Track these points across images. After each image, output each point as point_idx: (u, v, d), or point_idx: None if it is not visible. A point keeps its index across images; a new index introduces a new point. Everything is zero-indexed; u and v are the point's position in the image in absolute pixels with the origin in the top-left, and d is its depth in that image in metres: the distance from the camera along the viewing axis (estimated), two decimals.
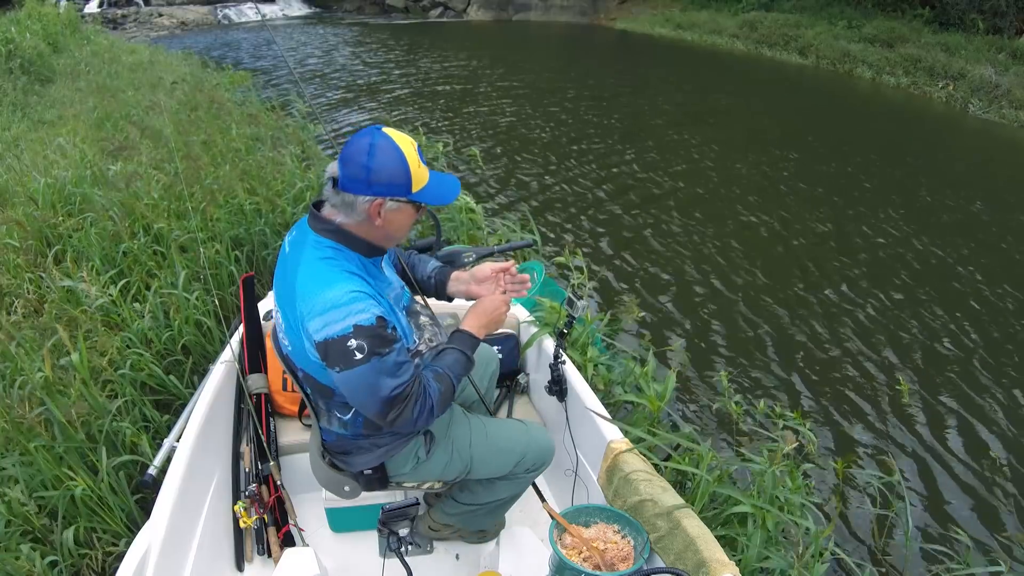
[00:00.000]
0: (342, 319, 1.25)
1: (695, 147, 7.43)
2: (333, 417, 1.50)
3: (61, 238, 3.35)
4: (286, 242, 1.44)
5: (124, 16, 16.68)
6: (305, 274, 1.31)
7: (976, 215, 6.01)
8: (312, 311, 1.27)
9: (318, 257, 1.32)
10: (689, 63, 12.98)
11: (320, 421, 1.54)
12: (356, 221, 1.34)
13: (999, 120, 9.50)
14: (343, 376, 1.29)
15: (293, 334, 1.36)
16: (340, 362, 1.27)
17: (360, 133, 1.33)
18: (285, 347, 1.43)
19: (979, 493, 2.95)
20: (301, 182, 4.41)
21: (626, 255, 4.90)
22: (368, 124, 8.14)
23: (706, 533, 1.48)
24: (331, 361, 1.28)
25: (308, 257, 1.33)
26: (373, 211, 1.32)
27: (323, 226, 1.35)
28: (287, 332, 1.38)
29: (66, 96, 6.72)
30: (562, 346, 2.01)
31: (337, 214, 1.35)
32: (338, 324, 1.25)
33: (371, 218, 1.33)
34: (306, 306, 1.29)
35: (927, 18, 12.92)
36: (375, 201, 1.31)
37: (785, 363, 3.75)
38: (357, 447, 1.55)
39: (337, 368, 1.28)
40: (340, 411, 1.48)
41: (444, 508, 1.84)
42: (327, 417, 1.51)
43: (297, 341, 1.36)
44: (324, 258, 1.32)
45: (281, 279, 1.40)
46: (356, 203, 1.31)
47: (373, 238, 1.38)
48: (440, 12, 18.83)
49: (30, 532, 1.99)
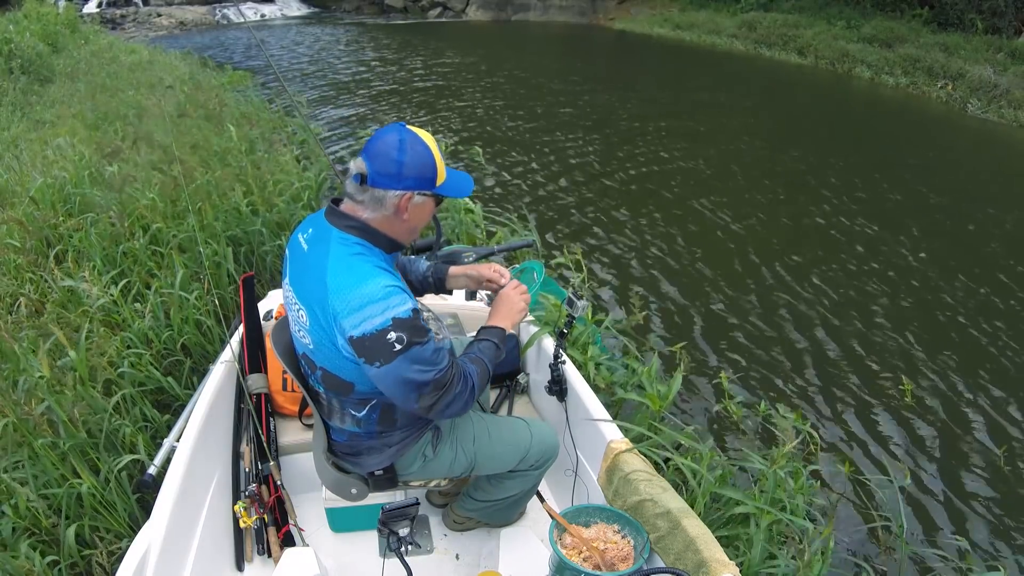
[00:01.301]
0: (380, 313, 1.26)
1: (695, 146, 7.43)
2: (347, 415, 1.50)
3: (62, 238, 3.36)
4: (301, 239, 1.43)
5: (123, 16, 16.68)
6: (336, 270, 1.30)
7: (979, 215, 6.02)
8: (348, 307, 1.27)
9: (349, 253, 1.33)
10: (687, 63, 12.99)
11: (331, 420, 1.54)
12: (383, 216, 1.35)
13: (998, 120, 9.51)
14: (383, 371, 1.29)
15: (319, 331, 1.35)
16: (380, 356, 1.28)
17: (385, 130, 1.35)
18: (304, 345, 1.42)
19: (982, 493, 2.94)
20: (299, 182, 4.42)
21: (627, 255, 4.90)
22: (367, 124, 8.15)
23: (706, 533, 1.49)
24: (370, 356, 1.28)
25: (337, 253, 1.32)
26: (403, 205, 1.34)
27: (347, 222, 1.35)
28: (311, 330, 1.37)
29: (65, 96, 6.72)
30: (562, 346, 2.01)
31: (363, 210, 1.35)
32: (377, 318, 1.26)
33: (399, 212, 1.34)
34: (340, 302, 1.28)
35: (926, 18, 12.93)
36: (405, 195, 1.33)
37: (786, 362, 3.75)
38: (368, 448, 1.56)
39: (377, 363, 1.28)
40: (355, 409, 1.47)
41: (464, 504, 1.90)
42: (340, 416, 1.51)
43: (323, 338, 1.35)
44: (355, 254, 1.33)
45: (304, 276, 1.38)
46: (386, 198, 1.33)
47: (395, 233, 1.39)
48: (439, 12, 18.83)
49: (31, 531, 1.99)
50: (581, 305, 1.89)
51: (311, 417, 2.10)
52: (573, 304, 1.90)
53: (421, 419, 1.56)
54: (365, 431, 1.52)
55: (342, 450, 1.59)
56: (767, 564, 1.85)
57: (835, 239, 5.32)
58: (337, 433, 1.56)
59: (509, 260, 3.87)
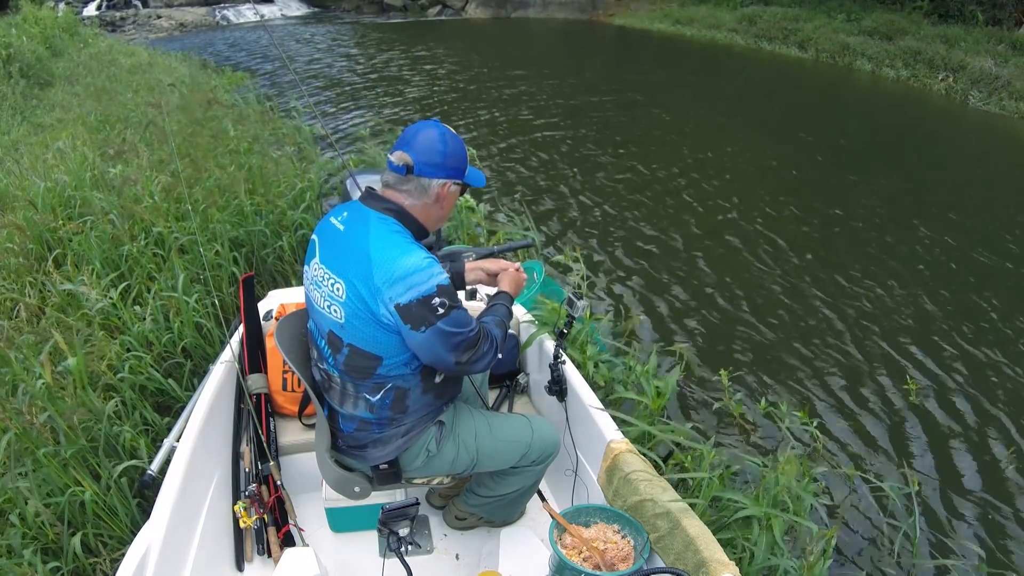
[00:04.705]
0: (426, 280, 1.39)
1: (696, 146, 7.41)
2: (360, 400, 1.54)
3: (61, 242, 3.36)
4: (335, 222, 1.52)
5: (123, 18, 16.67)
6: (380, 244, 1.41)
7: (984, 209, 5.99)
8: (393, 276, 1.38)
9: (389, 231, 1.44)
10: (688, 58, 12.95)
11: (343, 407, 1.57)
12: (423, 203, 1.49)
13: (999, 112, 9.46)
14: (427, 334, 1.40)
15: (356, 303, 1.42)
16: (425, 320, 1.39)
17: (423, 125, 1.50)
18: (333, 321, 1.48)
19: (986, 494, 2.92)
20: (301, 183, 4.42)
21: (627, 254, 4.89)
22: (365, 123, 8.14)
23: (706, 533, 1.48)
24: (416, 322, 1.39)
25: (378, 230, 1.44)
26: (443, 193, 1.49)
27: (385, 205, 1.48)
28: (346, 302, 1.44)
29: (65, 99, 6.73)
30: (562, 346, 2.01)
31: (405, 197, 1.48)
32: (424, 285, 1.38)
33: (439, 199, 1.50)
34: (385, 272, 1.38)
35: (926, 10, 12.85)
36: (445, 184, 1.49)
37: (788, 361, 3.74)
38: (374, 440, 1.59)
39: (423, 327, 1.40)
40: (370, 393, 1.53)
41: (467, 500, 1.93)
42: (353, 401, 1.55)
43: (360, 309, 1.42)
44: (395, 231, 1.45)
45: (342, 253, 1.46)
46: (430, 186, 1.48)
47: (428, 220, 1.52)
48: (438, 11, 18.79)
49: (35, 538, 1.99)
50: (581, 305, 1.89)
51: (311, 417, 2.11)
52: (573, 304, 1.90)
53: (430, 408, 1.61)
54: (376, 417, 1.56)
55: (348, 443, 1.62)
56: (767, 561, 1.85)
57: (836, 237, 5.31)
58: (346, 422, 1.59)
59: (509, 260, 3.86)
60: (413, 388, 1.55)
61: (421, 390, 1.57)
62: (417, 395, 1.56)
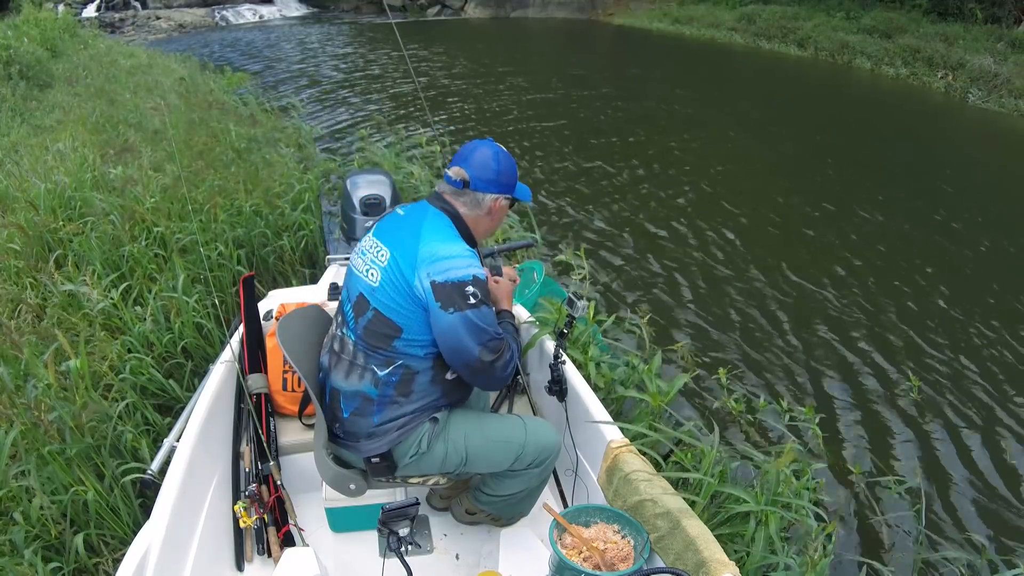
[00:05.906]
0: (465, 267, 1.49)
1: (695, 143, 7.41)
2: (367, 373, 1.57)
3: (62, 243, 3.36)
4: (399, 210, 1.66)
5: (122, 20, 16.67)
6: (432, 228, 1.55)
7: (983, 209, 5.99)
8: (436, 256, 1.49)
9: (442, 224, 1.58)
10: (686, 58, 12.95)
11: (348, 380, 1.59)
12: (476, 215, 1.62)
13: (999, 109, 9.46)
14: (455, 316, 1.47)
15: (395, 269, 1.51)
16: (455, 303, 1.47)
17: (478, 144, 1.64)
18: (367, 284, 1.56)
19: (991, 491, 2.92)
20: (300, 184, 4.42)
21: (628, 253, 4.89)
22: (365, 124, 8.15)
23: (706, 533, 1.48)
24: (447, 302, 1.47)
25: (433, 220, 1.57)
26: (495, 207, 1.63)
27: (444, 206, 1.61)
28: (386, 268, 1.53)
29: (65, 101, 6.72)
30: (562, 346, 2.01)
31: (461, 206, 1.61)
32: (461, 270, 1.48)
33: (491, 212, 1.63)
34: (430, 248, 1.50)
35: (925, 8, 12.83)
36: (498, 199, 1.62)
37: (789, 360, 3.74)
38: (369, 432, 1.59)
39: (452, 308, 1.47)
40: (380, 367, 1.56)
41: (476, 496, 1.92)
42: (360, 373, 1.58)
43: (396, 276, 1.51)
44: (447, 226, 1.58)
45: (396, 229, 1.59)
46: (484, 200, 1.61)
47: (478, 229, 1.64)
48: (438, 11, 18.80)
49: (37, 537, 1.99)
50: (581, 305, 1.89)
51: (311, 417, 2.11)
52: (573, 304, 1.90)
53: (431, 401, 1.62)
54: (379, 395, 1.57)
55: (345, 428, 1.63)
56: (764, 559, 1.85)
57: (836, 235, 5.31)
58: (348, 400, 1.60)
59: (509, 260, 3.87)
60: (422, 372, 1.58)
61: (429, 378, 1.58)
62: (424, 382, 1.59)
